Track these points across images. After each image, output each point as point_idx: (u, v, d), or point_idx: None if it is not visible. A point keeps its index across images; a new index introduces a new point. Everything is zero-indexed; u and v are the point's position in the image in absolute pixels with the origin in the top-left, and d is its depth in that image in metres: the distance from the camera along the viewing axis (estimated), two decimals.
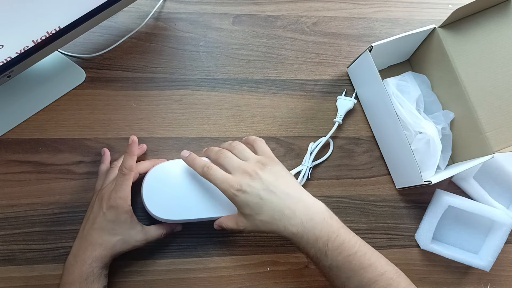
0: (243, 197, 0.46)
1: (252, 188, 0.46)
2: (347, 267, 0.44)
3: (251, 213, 0.46)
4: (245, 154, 0.50)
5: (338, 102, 0.63)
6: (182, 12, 0.64)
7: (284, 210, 0.45)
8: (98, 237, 0.48)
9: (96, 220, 0.48)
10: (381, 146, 0.63)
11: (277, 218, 0.45)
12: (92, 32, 0.60)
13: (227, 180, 0.47)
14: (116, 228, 0.48)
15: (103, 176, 0.53)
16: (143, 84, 0.60)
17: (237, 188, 0.46)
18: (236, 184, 0.46)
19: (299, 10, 0.68)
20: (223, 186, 0.47)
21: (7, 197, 0.54)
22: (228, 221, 0.49)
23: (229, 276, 0.56)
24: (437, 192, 0.61)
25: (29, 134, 0.56)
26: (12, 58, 0.47)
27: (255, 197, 0.46)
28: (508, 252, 0.62)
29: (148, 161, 0.55)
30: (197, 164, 0.49)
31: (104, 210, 0.48)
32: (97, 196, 0.50)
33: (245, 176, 0.46)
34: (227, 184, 0.46)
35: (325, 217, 0.46)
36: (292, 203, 0.46)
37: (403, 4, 0.71)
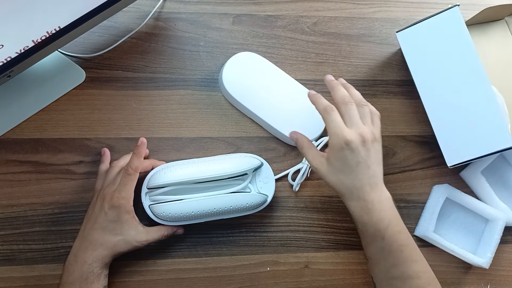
0: (347, 152, 0.47)
1: (358, 151, 0.47)
2: (397, 255, 0.47)
3: (338, 168, 0.48)
4: (367, 118, 0.51)
5: None
6: (182, 12, 0.64)
7: (366, 185, 0.48)
8: (99, 237, 0.48)
9: (98, 220, 0.48)
10: (435, 119, 0.59)
11: (356, 187, 0.48)
12: (92, 32, 0.60)
13: (342, 128, 0.48)
14: (117, 228, 0.48)
15: (103, 176, 0.53)
16: (143, 84, 0.60)
17: (348, 141, 0.47)
18: (348, 137, 0.47)
19: (299, 10, 0.68)
20: (336, 131, 0.48)
21: (7, 197, 0.54)
22: (314, 154, 0.51)
23: (229, 276, 0.56)
24: (436, 187, 0.62)
25: (29, 134, 0.56)
26: (12, 58, 0.47)
27: (354, 160, 0.47)
28: (507, 252, 0.62)
29: (148, 160, 0.54)
30: (321, 102, 0.51)
31: (106, 210, 0.48)
32: (98, 196, 0.50)
33: (358, 137, 0.48)
34: (341, 132, 0.48)
35: (391, 204, 0.49)
36: (373, 182, 0.48)
37: (403, 4, 0.71)
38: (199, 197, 0.52)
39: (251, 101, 0.59)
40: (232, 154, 0.57)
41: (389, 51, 0.68)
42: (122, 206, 0.48)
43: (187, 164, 0.53)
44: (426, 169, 0.63)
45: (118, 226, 0.48)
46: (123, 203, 0.48)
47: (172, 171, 0.52)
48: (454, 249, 0.58)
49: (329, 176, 0.49)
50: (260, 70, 0.61)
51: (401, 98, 0.66)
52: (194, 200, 0.51)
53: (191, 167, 0.53)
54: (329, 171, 0.49)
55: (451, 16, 0.56)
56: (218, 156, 0.56)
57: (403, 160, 0.63)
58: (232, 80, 0.60)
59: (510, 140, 0.52)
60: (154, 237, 0.51)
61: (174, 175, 0.52)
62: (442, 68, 0.57)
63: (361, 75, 0.66)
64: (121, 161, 0.54)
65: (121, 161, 0.54)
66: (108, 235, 0.48)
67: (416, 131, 0.65)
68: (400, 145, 0.64)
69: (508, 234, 0.62)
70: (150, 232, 0.51)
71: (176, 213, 0.51)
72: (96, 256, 0.47)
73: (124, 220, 0.48)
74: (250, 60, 0.61)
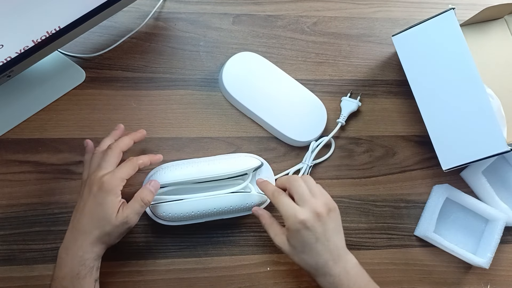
0: (303, 232, 0.47)
1: (313, 228, 0.47)
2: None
3: (297, 247, 0.48)
4: (315, 189, 0.50)
5: (343, 103, 0.63)
6: (182, 12, 0.64)
7: (329, 260, 0.47)
8: (86, 224, 0.46)
9: (86, 204, 0.46)
10: (430, 123, 0.59)
11: (320, 265, 0.47)
12: (92, 32, 0.60)
13: (294, 209, 0.48)
14: (102, 211, 0.46)
15: (88, 165, 0.51)
16: (143, 84, 0.60)
17: (302, 221, 0.47)
18: (301, 216, 0.47)
19: (299, 10, 0.68)
20: (288, 213, 0.47)
21: (7, 197, 0.54)
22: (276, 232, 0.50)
23: (229, 276, 0.56)
24: (436, 187, 0.62)
25: (29, 134, 0.56)
26: (12, 58, 0.47)
27: (312, 237, 0.47)
28: (507, 252, 0.62)
29: (127, 136, 0.52)
30: (269, 188, 0.51)
31: (95, 192, 0.46)
32: (86, 183, 0.48)
33: (312, 214, 0.47)
34: (294, 213, 0.47)
35: (359, 270, 0.49)
36: (336, 256, 0.48)
37: (403, 4, 0.71)
38: (200, 197, 0.52)
39: (251, 101, 0.59)
40: (232, 154, 0.57)
41: (389, 51, 0.68)
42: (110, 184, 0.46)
43: (187, 164, 0.53)
44: (426, 169, 0.63)
45: (104, 208, 0.46)
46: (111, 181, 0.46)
47: (172, 171, 0.52)
48: (454, 249, 0.58)
49: (292, 256, 0.49)
50: (260, 70, 0.61)
51: (401, 98, 0.66)
52: (195, 200, 0.51)
53: (191, 167, 0.53)
54: (291, 251, 0.49)
55: (446, 20, 0.56)
56: (218, 156, 0.56)
57: (403, 160, 0.63)
58: (232, 80, 0.60)
59: (504, 145, 0.52)
60: (134, 207, 0.47)
61: (174, 175, 0.52)
62: (437, 72, 0.58)
63: (361, 75, 0.66)
64: (103, 145, 0.52)
65: (103, 145, 0.52)
66: (95, 220, 0.46)
67: (416, 131, 0.65)
68: (400, 145, 0.64)
69: (508, 234, 0.62)
70: (129, 206, 0.47)
71: (177, 213, 0.51)
72: (86, 247, 0.45)
73: (110, 202, 0.46)
74: (250, 60, 0.61)
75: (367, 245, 0.60)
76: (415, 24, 0.59)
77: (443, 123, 0.58)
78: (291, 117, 0.60)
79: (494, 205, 0.61)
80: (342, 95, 0.64)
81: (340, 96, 0.64)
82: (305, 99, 0.62)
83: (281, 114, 0.60)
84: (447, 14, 0.55)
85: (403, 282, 0.59)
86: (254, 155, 0.57)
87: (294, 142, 0.60)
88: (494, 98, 0.57)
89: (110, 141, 0.52)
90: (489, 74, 0.63)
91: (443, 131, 0.58)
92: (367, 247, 0.60)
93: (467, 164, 0.56)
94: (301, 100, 0.61)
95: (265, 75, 0.61)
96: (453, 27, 0.55)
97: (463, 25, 0.66)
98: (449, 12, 0.55)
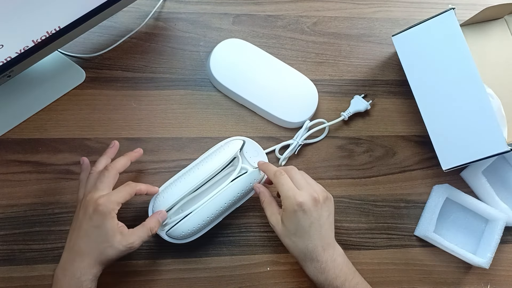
0: (299, 214, 0.47)
1: (310, 212, 0.48)
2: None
3: (291, 230, 0.48)
4: (311, 181, 0.51)
5: (353, 100, 0.63)
6: (182, 12, 0.64)
7: (318, 246, 0.48)
8: (85, 246, 0.46)
9: (82, 226, 0.46)
10: (430, 123, 0.59)
11: (310, 250, 0.48)
12: (92, 32, 0.60)
13: (293, 190, 0.48)
14: (102, 235, 0.46)
15: (84, 184, 0.50)
16: (143, 84, 0.60)
17: (300, 203, 0.47)
18: (300, 198, 0.48)
19: (299, 10, 0.68)
20: (288, 194, 0.48)
21: (7, 197, 0.54)
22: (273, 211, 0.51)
23: (229, 276, 0.56)
24: (436, 187, 0.62)
25: (29, 134, 0.56)
26: (12, 58, 0.47)
27: (307, 221, 0.48)
28: (507, 252, 0.62)
29: (123, 157, 0.51)
30: (271, 168, 0.52)
31: (90, 214, 0.46)
32: (81, 204, 0.48)
33: (310, 198, 0.48)
34: (293, 195, 0.48)
35: (345, 259, 0.50)
36: (326, 243, 0.49)
37: (403, 4, 0.71)
38: (207, 201, 0.51)
39: (240, 86, 0.60)
40: (213, 147, 0.57)
41: (389, 51, 0.68)
42: (105, 207, 0.45)
43: (179, 178, 0.53)
44: (426, 169, 0.63)
45: (103, 232, 0.45)
46: (106, 204, 0.45)
47: (169, 192, 0.52)
48: (454, 249, 0.58)
49: (283, 238, 0.49)
50: (247, 55, 0.61)
51: (401, 98, 0.66)
52: (204, 206, 0.51)
53: (184, 178, 0.52)
54: (284, 233, 0.49)
55: (446, 20, 0.56)
56: (203, 155, 0.56)
57: (403, 160, 0.63)
58: (220, 66, 0.60)
59: (504, 145, 0.52)
60: (141, 236, 0.48)
61: (173, 194, 0.52)
62: (437, 72, 0.58)
63: (361, 75, 0.66)
64: (99, 165, 0.51)
65: (99, 165, 0.51)
66: (94, 242, 0.46)
67: (416, 131, 0.65)
68: (400, 145, 0.64)
69: (508, 234, 0.62)
70: (135, 232, 0.48)
71: (195, 226, 0.51)
72: (84, 268, 0.45)
73: (109, 226, 0.46)
74: (237, 46, 0.61)
75: (367, 245, 0.60)
76: (415, 24, 0.59)
77: (443, 123, 0.58)
78: (282, 99, 0.60)
79: (494, 205, 0.61)
80: (342, 95, 0.64)
81: (340, 96, 0.64)
82: (296, 81, 0.62)
83: (272, 96, 0.60)
84: (447, 14, 0.55)
85: (403, 282, 0.59)
86: (234, 137, 0.57)
87: (287, 124, 0.61)
88: (494, 98, 0.57)
89: (106, 160, 0.51)
90: (489, 74, 0.63)
91: (443, 131, 0.58)
92: (367, 247, 0.60)
93: (467, 164, 0.56)
94: (291, 82, 0.61)
95: (253, 60, 0.61)
96: (453, 27, 0.55)
97: (463, 25, 0.66)
98: (449, 12, 0.55)
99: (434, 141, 0.58)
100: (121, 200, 0.47)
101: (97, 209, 0.45)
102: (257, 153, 0.57)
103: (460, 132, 0.56)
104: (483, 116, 0.54)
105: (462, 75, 0.55)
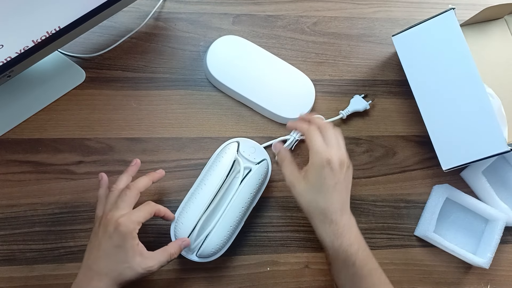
0: (327, 170, 0.48)
1: (337, 171, 0.48)
2: (369, 280, 0.48)
3: (315, 187, 0.48)
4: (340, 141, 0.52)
5: (353, 99, 0.63)
6: (182, 12, 0.64)
7: (338, 209, 0.48)
8: (104, 266, 0.45)
9: (101, 246, 0.45)
10: (430, 123, 0.59)
11: (331, 211, 0.48)
12: (92, 32, 0.60)
13: (324, 148, 0.49)
14: (122, 255, 0.45)
15: (103, 201, 0.50)
16: (143, 84, 0.60)
17: (329, 160, 0.48)
18: (330, 156, 0.48)
19: (299, 10, 0.68)
20: (319, 149, 0.48)
21: (7, 197, 0.54)
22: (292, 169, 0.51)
23: (229, 276, 0.56)
24: (436, 187, 0.62)
25: (29, 134, 0.56)
26: (12, 58, 0.47)
27: (333, 180, 0.48)
28: (507, 252, 0.62)
29: (146, 177, 0.51)
30: (302, 125, 0.52)
31: (111, 233, 0.45)
32: (101, 222, 0.47)
33: (338, 160, 0.49)
34: (323, 151, 0.48)
35: (358, 228, 0.50)
36: (345, 207, 0.49)
37: (403, 4, 0.71)
38: (224, 211, 0.51)
39: (238, 83, 0.60)
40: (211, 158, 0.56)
41: (389, 51, 0.68)
42: (126, 227, 0.45)
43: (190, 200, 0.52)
44: (426, 169, 0.63)
45: (123, 252, 0.45)
46: (127, 224, 0.45)
47: (186, 217, 0.51)
48: (454, 249, 0.58)
49: (304, 194, 0.49)
50: (244, 52, 0.62)
51: (401, 98, 0.66)
52: (224, 217, 0.51)
53: (195, 199, 0.52)
54: (305, 189, 0.49)
55: (446, 20, 0.56)
56: (204, 169, 0.55)
57: (403, 160, 0.63)
58: (217, 64, 0.60)
59: (504, 145, 0.52)
60: (161, 260, 0.47)
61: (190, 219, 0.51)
62: (437, 72, 0.58)
63: (361, 75, 0.66)
64: (120, 183, 0.50)
65: (120, 183, 0.50)
66: (113, 263, 0.45)
67: (416, 131, 0.65)
68: (400, 145, 0.64)
69: (508, 234, 0.62)
70: (155, 256, 0.47)
71: (222, 239, 0.51)
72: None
73: (129, 246, 0.45)
74: (233, 43, 0.62)
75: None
76: (415, 24, 0.59)
77: (443, 123, 0.58)
78: (278, 95, 0.60)
79: (494, 205, 0.61)
80: (342, 95, 0.64)
81: (340, 96, 0.64)
82: (292, 76, 0.62)
83: (268, 92, 0.60)
84: (447, 14, 0.55)
85: (403, 282, 0.59)
86: (227, 141, 0.57)
87: (284, 120, 0.61)
88: (495, 98, 0.57)
89: (127, 178, 0.51)
90: (489, 74, 0.63)
91: (443, 131, 0.58)
92: None
93: (467, 164, 0.56)
94: (288, 78, 0.61)
95: (250, 56, 0.62)
96: (453, 27, 0.55)
97: (463, 25, 0.66)
98: (449, 12, 0.55)
99: (434, 141, 0.58)
100: (142, 220, 0.47)
101: (118, 229, 0.45)
102: (254, 149, 0.57)
103: (460, 132, 0.56)
104: (483, 116, 0.54)
105: (462, 75, 0.55)
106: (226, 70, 0.60)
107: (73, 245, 0.54)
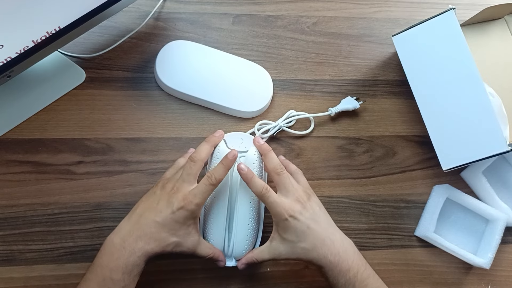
0: (293, 223, 0.47)
1: (302, 216, 0.48)
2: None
3: (294, 240, 0.48)
4: (293, 181, 0.51)
5: (344, 99, 0.63)
6: (182, 12, 0.64)
7: (326, 239, 0.48)
8: (156, 232, 0.46)
9: (161, 214, 0.46)
10: (430, 123, 0.59)
11: (319, 246, 0.48)
12: (92, 32, 0.60)
13: (282, 204, 0.48)
14: (178, 230, 0.46)
15: (177, 168, 0.51)
16: (143, 84, 0.60)
17: (290, 214, 0.47)
18: (290, 210, 0.48)
19: (299, 10, 0.68)
20: (277, 210, 0.48)
21: (7, 197, 0.54)
22: (259, 253, 0.50)
23: (229, 276, 0.56)
24: (436, 187, 0.62)
25: (29, 134, 0.56)
26: (12, 58, 0.47)
27: (303, 225, 0.48)
28: (508, 252, 0.62)
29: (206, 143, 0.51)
30: (257, 184, 0.49)
31: (174, 208, 0.46)
32: (166, 185, 0.48)
33: (297, 203, 0.48)
34: (282, 209, 0.48)
35: (355, 250, 0.50)
36: (331, 233, 0.49)
37: (403, 4, 0.71)
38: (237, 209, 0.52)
39: (192, 86, 0.59)
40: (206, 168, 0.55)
41: (389, 51, 0.68)
42: (193, 211, 0.46)
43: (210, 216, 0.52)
44: (426, 169, 0.63)
45: (181, 228, 0.46)
46: (195, 209, 0.46)
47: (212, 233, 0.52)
48: (455, 250, 0.58)
49: (291, 251, 0.48)
50: (194, 55, 0.61)
51: (401, 98, 0.66)
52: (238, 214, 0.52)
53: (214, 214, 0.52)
54: (288, 247, 0.48)
55: (446, 20, 0.56)
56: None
57: (403, 160, 0.63)
58: (168, 72, 0.59)
59: (505, 145, 0.52)
60: (202, 252, 0.49)
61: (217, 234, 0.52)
62: (437, 72, 0.58)
63: (361, 75, 0.66)
64: (202, 154, 0.49)
65: (202, 154, 0.49)
66: (166, 233, 0.46)
67: (416, 131, 0.65)
68: (400, 145, 0.64)
69: (509, 235, 0.62)
70: (202, 245, 0.49)
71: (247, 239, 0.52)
72: (147, 251, 0.45)
73: (188, 225, 0.47)
74: (181, 48, 0.61)
75: (367, 245, 0.60)
76: (415, 24, 0.59)
77: (443, 123, 0.58)
78: (236, 91, 0.60)
79: (495, 205, 0.61)
80: (342, 95, 0.64)
81: (340, 96, 0.64)
82: (247, 71, 0.62)
83: (225, 90, 0.60)
84: (447, 14, 0.55)
85: (404, 282, 0.59)
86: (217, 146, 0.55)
87: (246, 114, 0.60)
88: (495, 97, 0.57)
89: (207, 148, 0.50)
90: (489, 74, 0.63)
91: (443, 131, 0.58)
92: (367, 248, 0.59)
93: (467, 164, 0.56)
94: (243, 72, 0.61)
95: (201, 58, 0.61)
96: (453, 27, 0.55)
97: (463, 25, 0.66)
98: (449, 12, 0.55)
99: (434, 141, 0.58)
100: (204, 201, 0.47)
101: (184, 207, 0.46)
102: (241, 139, 0.56)
103: (460, 132, 0.56)
104: (483, 116, 0.54)
105: (462, 75, 0.55)
106: (178, 76, 0.59)
107: (72, 246, 0.53)
